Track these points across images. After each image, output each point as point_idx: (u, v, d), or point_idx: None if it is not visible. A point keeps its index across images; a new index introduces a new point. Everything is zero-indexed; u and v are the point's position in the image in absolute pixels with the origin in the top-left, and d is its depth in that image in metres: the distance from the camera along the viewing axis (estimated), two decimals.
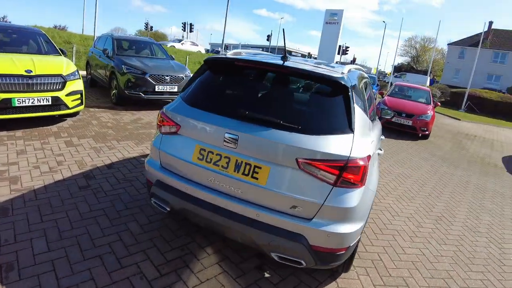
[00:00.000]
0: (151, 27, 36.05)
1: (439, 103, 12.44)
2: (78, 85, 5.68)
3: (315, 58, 29.06)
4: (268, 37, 40.03)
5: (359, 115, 2.38)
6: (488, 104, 23.67)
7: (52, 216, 2.95)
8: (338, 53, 35.49)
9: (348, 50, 37.19)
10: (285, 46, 2.64)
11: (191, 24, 30.32)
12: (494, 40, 38.72)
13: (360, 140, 2.27)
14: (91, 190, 3.54)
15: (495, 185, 6.56)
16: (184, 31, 31.50)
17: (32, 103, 5.01)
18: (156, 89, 7.60)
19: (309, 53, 61.73)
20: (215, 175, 2.29)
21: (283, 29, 2.67)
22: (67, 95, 5.40)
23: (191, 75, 8.69)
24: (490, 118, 21.08)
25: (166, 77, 7.72)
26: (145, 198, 3.56)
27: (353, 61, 42.52)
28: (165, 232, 3.01)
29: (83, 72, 9.85)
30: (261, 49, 63.64)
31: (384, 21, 57.74)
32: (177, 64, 8.67)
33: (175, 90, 7.91)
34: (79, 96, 5.69)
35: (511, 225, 4.64)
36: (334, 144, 2.13)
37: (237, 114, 2.29)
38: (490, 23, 26.76)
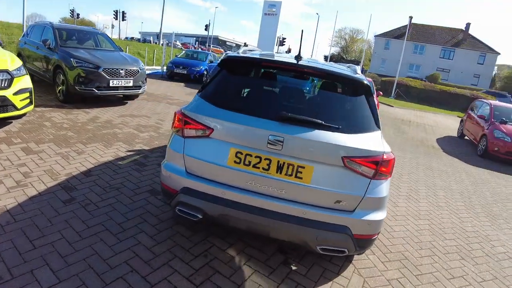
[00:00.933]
0: (78, 14, 32.71)
1: (381, 93, 13.44)
2: (26, 82, 4.90)
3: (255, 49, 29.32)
4: (206, 27, 39.12)
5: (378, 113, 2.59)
6: (413, 91, 26.33)
7: (45, 240, 2.52)
8: (277, 44, 36.19)
9: (284, 42, 38.18)
10: (300, 47, 2.79)
11: (123, 12, 28.15)
12: (414, 33, 42.88)
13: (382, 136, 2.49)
14: (78, 204, 3.10)
15: (439, 164, 7.41)
16: (116, 19, 29.16)
17: None
18: (111, 84, 6.93)
19: (245, 43, 61.92)
20: (255, 177, 2.28)
21: (302, 30, 2.76)
22: (15, 93, 4.62)
23: (145, 67, 8.16)
24: (417, 104, 23.48)
25: (121, 71, 7.07)
26: (142, 206, 3.24)
27: (288, 51, 43.82)
28: (180, 240, 2.79)
29: None
30: (198, 39, 61.98)
31: (317, 13, 60.13)
32: (129, 56, 8.01)
33: (130, 84, 7.31)
34: (28, 94, 4.91)
35: (460, 198, 5.38)
36: (370, 142, 2.32)
37: (278, 116, 2.27)
38: (410, 18, 29.50)
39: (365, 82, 2.53)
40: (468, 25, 45.03)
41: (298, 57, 2.72)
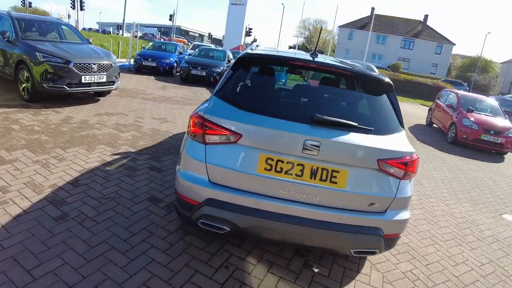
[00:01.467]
0: (30, 3, 30.06)
1: None
2: None
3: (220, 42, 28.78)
4: (171, 17, 37.69)
5: None
6: None
7: (45, 268, 2.18)
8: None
9: (251, 32, 37.78)
10: (317, 44, 2.85)
11: (81, 1, 26.24)
12: (376, 24, 44.14)
13: None
14: (73, 220, 2.75)
15: (417, 153, 7.61)
16: (74, 8, 27.15)
17: None
18: (83, 80, 6.36)
19: (209, 33, 60.65)
20: (288, 184, 2.17)
21: (321, 27, 2.90)
22: None
23: (117, 61, 7.60)
24: None
25: (93, 66, 6.51)
26: (145, 216, 2.96)
27: (254, 41, 43.53)
28: (195, 252, 2.59)
29: None
30: (160, 29, 59.57)
31: (282, 4, 59.86)
32: (100, 49, 7.40)
33: (104, 80, 6.77)
34: None
35: (442, 185, 5.64)
36: (399, 142, 2.31)
37: (311, 119, 2.17)
38: (373, 9, 30.36)
39: (390, 81, 2.50)
40: (426, 16, 47.24)
41: (314, 55, 2.61)
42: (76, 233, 2.60)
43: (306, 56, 2.66)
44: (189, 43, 37.30)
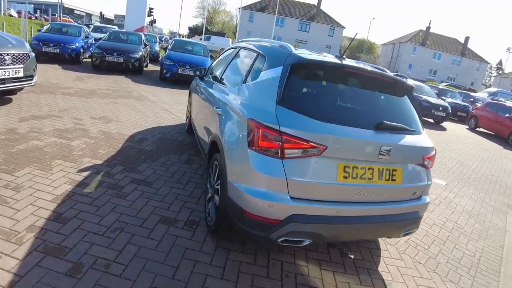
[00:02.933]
0: None
1: None
2: None
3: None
4: None
5: None
6: None
7: None
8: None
9: (152, 12, 35.14)
10: (346, 49, 3.03)
11: None
12: (275, 6, 45.67)
13: None
14: (94, 271, 2.12)
15: None
16: None
17: None
18: None
19: (101, 12, 54.23)
20: (363, 188, 2.30)
21: (356, 33, 2.90)
22: None
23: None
24: None
25: (6, 57, 5.08)
26: (173, 243, 2.52)
27: (153, 22, 40.78)
28: (250, 269, 2.47)
29: None
30: (41, 7, 50.12)
31: None
32: (11, 36, 5.79)
33: (21, 74, 5.38)
34: None
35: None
36: (427, 139, 2.70)
37: (378, 125, 2.34)
38: None
39: (413, 85, 2.81)
40: (319, 0, 50.82)
41: (341, 58, 2.71)
42: (107, 286, 2.01)
43: (358, 63, 2.81)
44: (77, 23, 32.42)
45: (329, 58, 2.74)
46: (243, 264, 2.47)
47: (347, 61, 2.71)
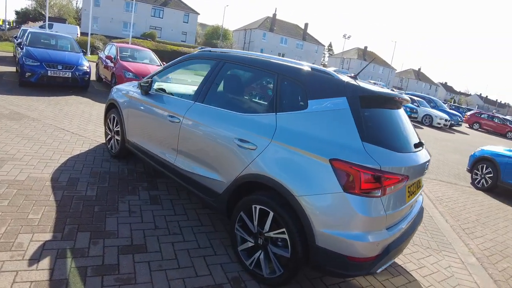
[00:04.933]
0: None
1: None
2: None
3: None
4: None
5: None
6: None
7: None
8: None
9: None
10: (362, 70, 3.16)
11: None
12: None
13: None
14: None
15: None
16: None
17: None
18: None
19: None
20: (413, 201, 2.65)
21: (373, 59, 2.96)
22: None
23: None
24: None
25: None
26: None
27: None
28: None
29: None
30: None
31: None
32: None
33: None
34: None
35: None
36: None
37: (415, 145, 2.63)
38: None
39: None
40: None
41: (355, 78, 2.66)
42: None
43: (384, 87, 3.11)
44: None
45: (379, 88, 2.71)
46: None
47: (386, 90, 2.84)
